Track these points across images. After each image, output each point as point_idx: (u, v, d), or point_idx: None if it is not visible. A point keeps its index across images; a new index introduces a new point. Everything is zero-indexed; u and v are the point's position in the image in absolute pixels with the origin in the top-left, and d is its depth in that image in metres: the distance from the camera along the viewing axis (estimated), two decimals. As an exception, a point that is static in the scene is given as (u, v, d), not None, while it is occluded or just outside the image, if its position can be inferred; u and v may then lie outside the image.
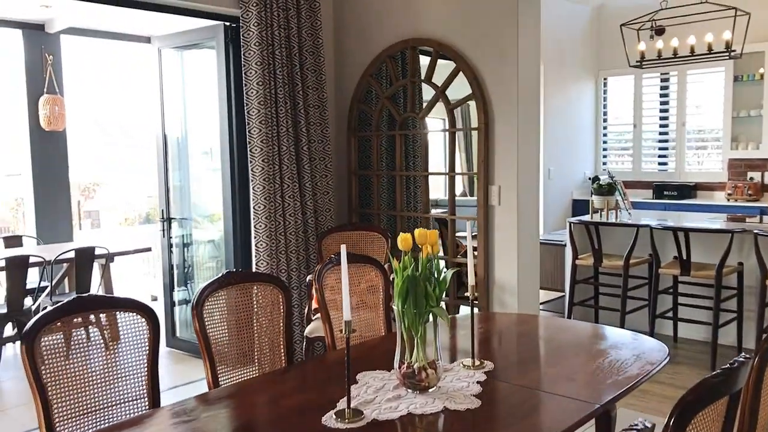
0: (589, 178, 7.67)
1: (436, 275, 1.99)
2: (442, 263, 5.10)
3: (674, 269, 4.58)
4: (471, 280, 2.20)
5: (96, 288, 5.26)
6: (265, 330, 2.62)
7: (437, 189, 7.31)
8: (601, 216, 5.26)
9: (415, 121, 4.52)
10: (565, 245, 5.40)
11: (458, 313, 4.58)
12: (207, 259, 5.26)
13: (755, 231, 4.25)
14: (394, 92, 4.52)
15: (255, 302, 2.60)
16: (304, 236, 4.38)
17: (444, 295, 4.45)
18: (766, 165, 6.68)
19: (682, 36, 5.49)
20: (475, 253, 4.23)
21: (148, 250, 5.59)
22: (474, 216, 4.11)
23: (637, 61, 5.55)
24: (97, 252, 5.02)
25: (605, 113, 7.84)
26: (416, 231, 2.02)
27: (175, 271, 5.03)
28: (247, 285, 2.59)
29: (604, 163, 7.88)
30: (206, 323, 2.41)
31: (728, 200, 6.64)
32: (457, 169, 8.31)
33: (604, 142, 7.88)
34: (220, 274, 2.53)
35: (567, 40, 7.32)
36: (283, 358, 2.62)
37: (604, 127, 7.85)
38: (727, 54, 5.02)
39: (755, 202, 6.44)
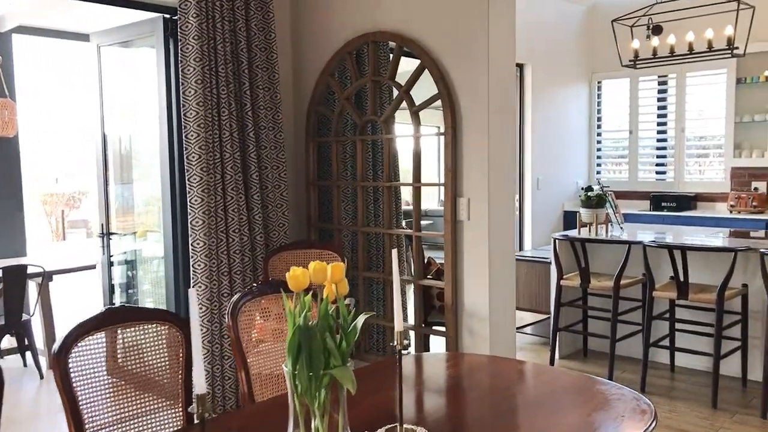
0: (582, 188, 7.17)
1: (343, 324, 1.50)
2: (412, 288, 4.60)
3: (670, 292, 4.07)
4: (397, 324, 1.70)
5: (32, 310, 4.77)
6: (158, 382, 2.12)
7: (427, 197, 6.73)
8: (590, 231, 4.76)
9: (381, 125, 4.03)
10: (551, 263, 4.89)
11: (428, 348, 4.06)
12: (161, 278, 4.78)
13: (761, 250, 3.74)
14: (354, 93, 4.04)
15: (145, 346, 2.11)
16: (251, 255, 3.88)
17: (414, 319, 3.95)
18: (772, 174, 6.18)
19: (679, 33, 5.01)
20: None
21: (92, 267, 5.09)
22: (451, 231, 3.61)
23: (630, 60, 5.07)
24: (31, 270, 4.54)
25: (599, 118, 7.35)
26: (311, 265, 1.52)
27: (117, 291, 4.54)
28: (134, 324, 2.09)
29: (598, 172, 7.39)
30: (73, 377, 1.91)
31: (731, 212, 6.13)
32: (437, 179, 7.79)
33: (599, 150, 7.38)
34: (99, 311, 2.04)
35: (558, 41, 6.84)
36: (181, 416, 2.12)
37: (599, 134, 7.35)
38: (730, 51, 4.53)
39: (760, 215, 5.94)
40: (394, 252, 1.70)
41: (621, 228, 4.92)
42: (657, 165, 7.01)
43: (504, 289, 3.58)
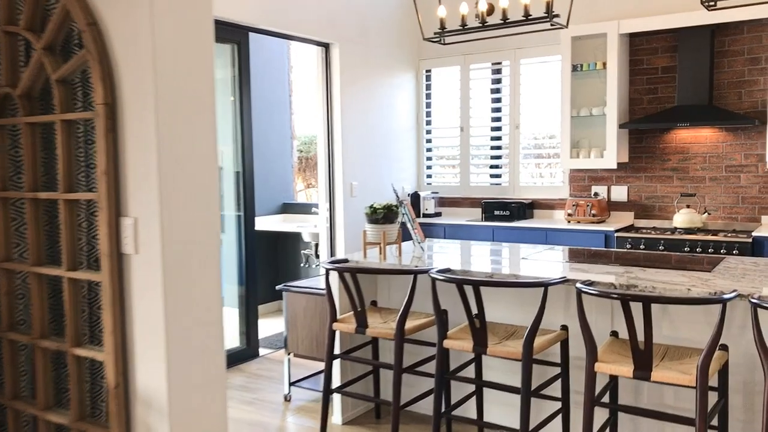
0: (408, 195, 6.11)
1: None
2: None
3: (465, 341, 2.96)
4: None
5: None
6: None
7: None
8: (380, 253, 3.61)
9: (18, 101, 2.62)
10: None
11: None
12: None
13: (578, 285, 2.69)
14: (-12, 55, 2.62)
15: None
16: None
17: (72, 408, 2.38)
18: (613, 177, 5.36)
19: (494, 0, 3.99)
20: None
21: None
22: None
23: (435, 33, 3.98)
24: None
25: (429, 113, 6.31)
26: None
27: None
28: None
29: (429, 176, 6.35)
30: None
31: (569, 222, 5.24)
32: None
33: (429, 150, 6.34)
34: None
35: (377, 19, 5.71)
36: None
37: (428, 131, 6.31)
38: (548, 19, 3.53)
39: (600, 224, 5.07)
40: None
41: (422, 248, 3.80)
42: (491, 167, 6.06)
43: (200, 360, 2.30)
